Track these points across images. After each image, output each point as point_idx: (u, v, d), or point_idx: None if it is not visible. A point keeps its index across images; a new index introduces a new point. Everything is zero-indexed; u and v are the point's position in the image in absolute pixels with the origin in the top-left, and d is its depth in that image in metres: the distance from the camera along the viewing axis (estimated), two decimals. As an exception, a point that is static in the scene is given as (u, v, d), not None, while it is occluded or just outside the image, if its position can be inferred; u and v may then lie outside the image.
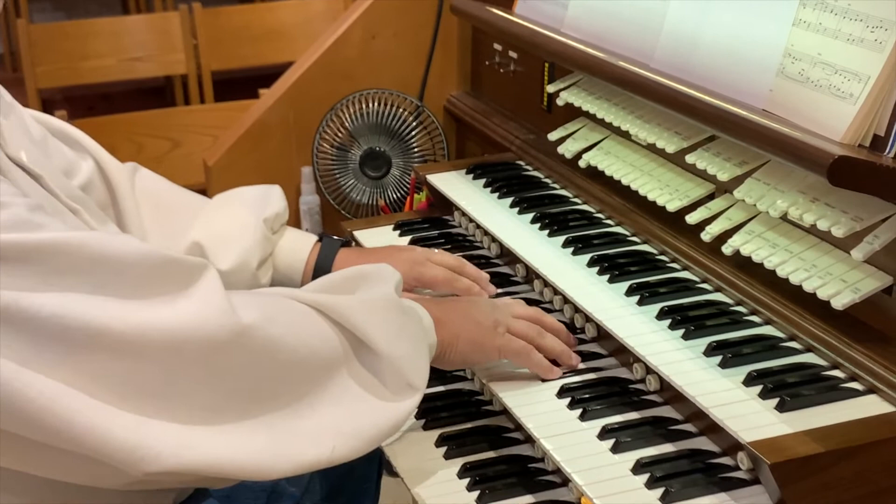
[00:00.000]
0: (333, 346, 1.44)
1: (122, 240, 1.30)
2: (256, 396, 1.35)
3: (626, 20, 1.98)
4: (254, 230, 1.86)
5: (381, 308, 1.49)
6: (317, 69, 2.63)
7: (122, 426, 1.24)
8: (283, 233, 1.94)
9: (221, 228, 1.87)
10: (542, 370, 1.66)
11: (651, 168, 1.95)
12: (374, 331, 1.46)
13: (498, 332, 1.65)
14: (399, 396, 1.48)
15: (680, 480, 1.42)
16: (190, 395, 1.29)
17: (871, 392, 1.47)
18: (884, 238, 1.49)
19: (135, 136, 3.73)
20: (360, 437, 1.42)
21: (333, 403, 1.42)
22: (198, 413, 1.30)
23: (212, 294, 1.32)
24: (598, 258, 1.85)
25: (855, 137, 1.49)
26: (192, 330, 1.29)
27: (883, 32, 1.47)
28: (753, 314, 1.67)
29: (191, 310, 1.30)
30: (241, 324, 1.32)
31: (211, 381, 1.31)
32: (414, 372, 1.50)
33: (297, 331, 1.40)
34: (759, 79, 1.66)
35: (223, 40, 4.56)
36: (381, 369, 1.47)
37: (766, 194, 1.65)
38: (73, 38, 4.38)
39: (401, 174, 2.63)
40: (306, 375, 1.41)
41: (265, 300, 1.42)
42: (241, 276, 1.84)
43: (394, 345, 1.48)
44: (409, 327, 1.53)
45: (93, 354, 1.24)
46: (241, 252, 1.84)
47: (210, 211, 1.91)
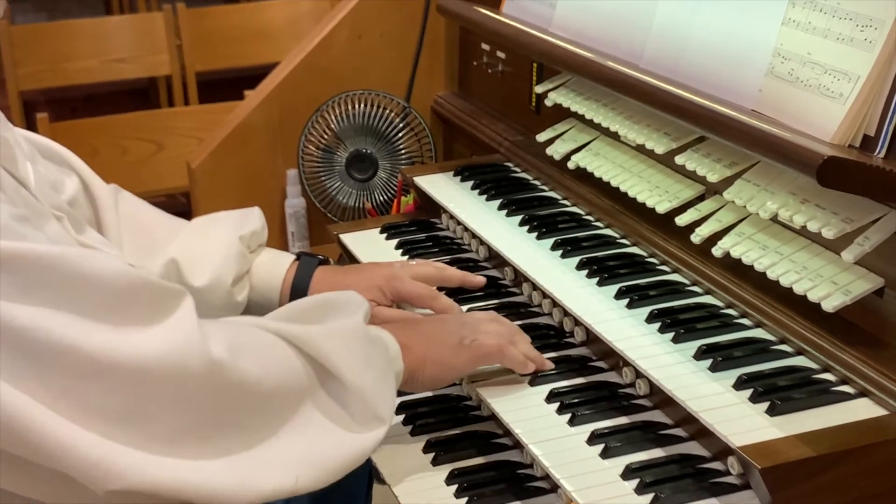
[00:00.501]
0: (299, 377, 1.45)
1: (101, 258, 1.30)
2: (221, 425, 1.36)
3: (614, 20, 1.99)
4: (228, 246, 1.87)
5: (349, 338, 1.50)
6: (302, 70, 2.63)
7: (86, 443, 1.25)
8: (260, 252, 1.95)
9: (197, 246, 1.88)
10: (518, 365, 1.66)
11: (640, 169, 1.95)
12: (341, 361, 1.47)
13: (464, 345, 1.65)
14: (365, 428, 1.48)
15: (670, 486, 1.43)
16: (155, 421, 1.30)
17: (862, 395, 1.48)
18: (875, 239, 1.49)
19: (118, 139, 3.74)
20: (324, 467, 1.43)
21: (298, 434, 1.43)
22: (162, 439, 1.30)
23: (185, 323, 1.33)
24: (588, 261, 1.85)
25: (845, 138, 1.50)
26: (162, 359, 1.29)
27: (872, 31, 1.47)
28: (744, 317, 1.67)
29: (162, 338, 1.30)
30: (210, 356, 1.33)
31: (177, 409, 1.32)
32: (381, 403, 1.50)
33: (265, 362, 1.41)
34: (748, 79, 1.67)
35: (208, 41, 4.57)
36: (348, 400, 1.48)
37: (756, 195, 1.65)
38: (55, 40, 4.38)
39: (388, 176, 2.63)
40: (272, 406, 1.42)
41: (234, 331, 1.43)
42: (216, 294, 1.84)
43: (361, 376, 1.48)
44: (377, 358, 1.54)
45: (60, 372, 1.24)
46: (215, 268, 1.85)
47: (188, 231, 1.92)
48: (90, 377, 1.26)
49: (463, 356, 1.65)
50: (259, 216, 1.96)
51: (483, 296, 1.94)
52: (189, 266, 1.85)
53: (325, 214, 2.64)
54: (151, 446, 1.29)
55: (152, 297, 1.33)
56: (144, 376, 1.28)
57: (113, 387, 1.27)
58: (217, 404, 1.35)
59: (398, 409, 1.72)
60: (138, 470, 1.27)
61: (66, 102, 5.39)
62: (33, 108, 4.01)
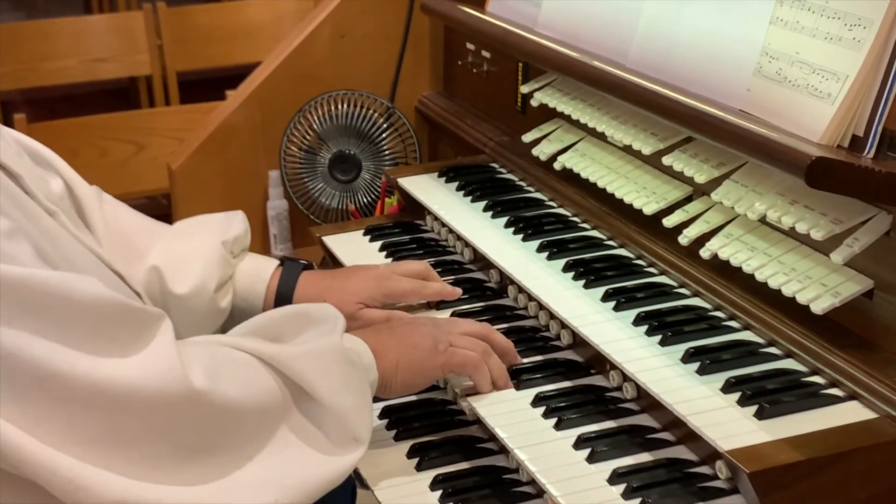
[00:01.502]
0: (276, 400, 1.46)
1: (83, 283, 1.31)
2: (199, 450, 1.37)
3: (600, 19, 1.99)
4: (211, 252, 1.87)
5: (327, 359, 1.50)
6: (284, 70, 2.63)
7: (64, 466, 1.26)
8: (243, 257, 1.95)
9: (179, 252, 1.88)
10: (484, 387, 1.67)
11: (627, 170, 1.96)
12: (319, 383, 1.47)
13: (438, 350, 1.66)
14: (343, 450, 1.49)
15: (657, 490, 1.43)
16: (133, 446, 1.31)
17: (852, 398, 1.48)
18: (864, 241, 1.50)
19: (98, 140, 3.73)
20: (302, 490, 1.44)
21: (275, 456, 1.43)
22: (140, 463, 1.31)
23: (164, 350, 1.34)
24: (574, 263, 1.85)
25: (833, 138, 1.50)
26: (141, 386, 1.30)
27: (861, 30, 1.48)
28: (732, 319, 1.68)
29: (142, 365, 1.32)
30: (189, 384, 1.34)
31: (155, 434, 1.33)
32: (359, 425, 1.51)
33: (243, 387, 1.42)
34: (736, 78, 1.67)
35: (188, 40, 4.57)
36: (325, 421, 1.49)
37: (744, 196, 1.66)
38: (34, 39, 4.38)
39: (371, 178, 2.63)
40: (249, 429, 1.42)
41: (212, 354, 1.43)
42: (199, 301, 1.85)
43: (339, 397, 1.49)
44: (355, 378, 1.54)
45: (38, 397, 1.25)
46: (198, 275, 1.85)
47: (169, 236, 1.92)
48: (69, 402, 1.27)
49: (437, 360, 1.66)
50: (242, 220, 1.96)
51: (468, 298, 1.94)
52: (171, 273, 1.85)
53: (308, 216, 2.64)
54: (129, 470, 1.31)
55: (132, 322, 1.34)
56: (123, 403, 1.30)
57: (93, 412, 1.28)
58: (195, 430, 1.36)
59: (382, 413, 1.73)
60: (116, 491, 1.29)
61: (45, 102, 5.39)
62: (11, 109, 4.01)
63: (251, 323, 1.59)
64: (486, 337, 1.72)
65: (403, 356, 1.64)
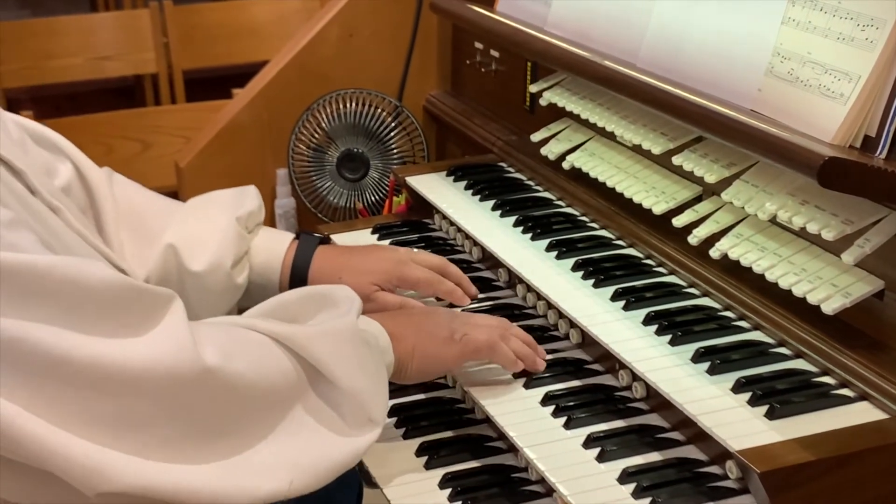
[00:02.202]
0: (291, 380, 1.45)
1: (90, 266, 1.31)
2: (214, 430, 1.37)
3: (610, 18, 1.99)
4: (226, 228, 1.87)
5: (343, 340, 1.50)
6: (292, 68, 2.63)
7: (79, 450, 1.26)
8: (258, 232, 1.94)
9: (194, 230, 1.88)
10: (508, 363, 1.67)
11: (637, 170, 1.96)
12: (335, 364, 1.47)
13: (454, 339, 1.66)
14: (358, 431, 1.49)
15: (667, 490, 1.43)
16: (148, 427, 1.31)
17: (862, 399, 1.48)
18: (875, 241, 1.50)
19: (104, 138, 3.73)
20: (317, 471, 1.44)
21: (291, 437, 1.43)
22: (155, 444, 1.31)
23: (176, 329, 1.34)
24: (583, 262, 1.85)
25: (846, 138, 1.50)
26: (153, 366, 1.30)
27: (874, 31, 1.48)
28: (742, 319, 1.68)
29: (153, 345, 1.31)
30: (202, 362, 1.33)
31: (170, 415, 1.32)
32: (374, 406, 1.51)
33: (257, 367, 1.42)
34: (747, 78, 1.67)
35: (195, 38, 4.57)
36: (341, 403, 1.48)
37: (754, 196, 1.66)
38: (40, 37, 4.37)
39: (379, 176, 2.64)
40: (264, 410, 1.42)
41: (225, 333, 1.43)
42: (215, 277, 1.84)
43: (354, 379, 1.48)
44: (371, 360, 1.54)
45: (51, 382, 1.25)
46: (214, 252, 1.85)
47: (183, 213, 1.92)
48: (82, 386, 1.26)
49: (453, 350, 1.66)
50: (255, 195, 1.96)
51: (477, 297, 1.94)
52: (187, 251, 1.84)
53: (316, 215, 2.64)
54: (145, 452, 1.30)
55: (142, 303, 1.33)
56: (136, 384, 1.29)
57: (105, 395, 1.28)
58: (209, 410, 1.36)
59: (391, 411, 1.72)
60: (131, 474, 1.28)
61: (50, 100, 5.39)
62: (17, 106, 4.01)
63: (267, 305, 1.58)
64: (506, 329, 1.71)
65: (420, 343, 1.64)
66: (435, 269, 1.90)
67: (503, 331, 1.70)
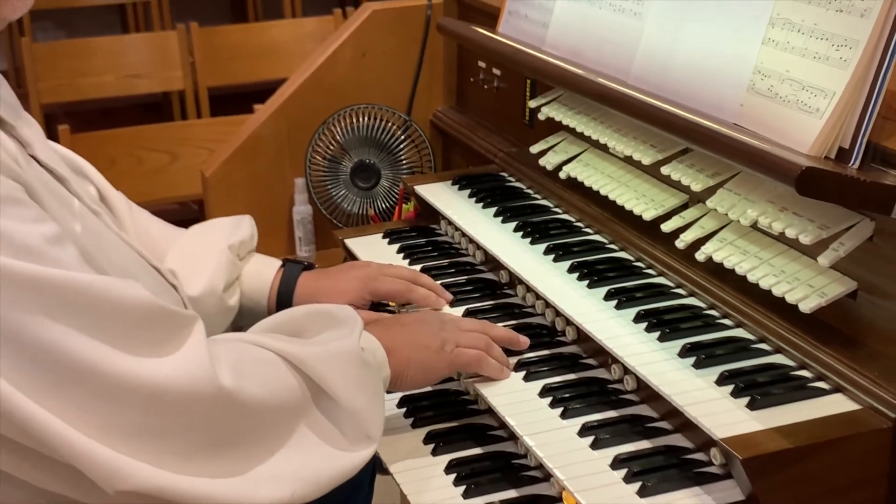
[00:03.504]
0: (296, 397, 1.46)
1: (124, 286, 1.32)
2: (224, 443, 1.38)
3: (604, 39, 1.99)
4: (218, 256, 1.89)
5: (345, 362, 1.50)
6: (309, 85, 2.63)
7: (102, 455, 1.27)
8: (249, 259, 1.97)
9: (190, 256, 1.89)
10: (494, 373, 1.68)
11: (628, 179, 1.96)
12: (338, 384, 1.48)
13: (445, 350, 1.66)
14: (356, 446, 1.50)
15: (656, 475, 1.43)
16: (165, 438, 1.32)
17: (837, 391, 1.48)
18: (848, 245, 1.50)
19: (135, 150, 3.73)
20: (317, 483, 1.44)
21: (294, 452, 1.44)
22: (171, 455, 1.32)
23: (196, 350, 1.35)
24: (578, 265, 1.85)
25: (821, 150, 1.50)
26: (174, 384, 1.31)
27: (847, 51, 1.48)
28: (725, 317, 1.67)
29: (176, 364, 1.32)
30: (218, 383, 1.34)
31: (186, 429, 1.33)
32: (372, 424, 1.51)
33: (267, 386, 1.43)
34: (730, 94, 1.67)
35: (219, 58, 4.58)
36: (341, 420, 1.49)
37: (737, 204, 1.65)
38: (75, 56, 4.39)
39: (390, 185, 2.64)
40: (271, 426, 1.43)
41: (240, 354, 1.44)
42: (209, 301, 1.86)
43: (355, 398, 1.49)
44: (370, 381, 1.54)
45: (79, 391, 1.26)
46: (208, 277, 1.86)
47: (183, 240, 1.94)
48: (108, 397, 1.28)
49: (444, 361, 1.66)
50: (249, 224, 1.98)
51: (480, 297, 1.94)
52: (185, 277, 1.86)
53: (331, 220, 2.64)
54: (160, 461, 1.31)
55: (168, 324, 1.35)
56: (158, 399, 1.31)
57: (129, 407, 1.29)
58: (222, 425, 1.37)
59: (400, 402, 1.73)
60: (146, 477, 1.29)
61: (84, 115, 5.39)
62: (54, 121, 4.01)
63: (275, 318, 1.59)
64: (487, 332, 1.72)
65: (414, 355, 1.65)
66: (406, 279, 1.91)
67: (486, 340, 1.71)
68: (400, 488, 1.56)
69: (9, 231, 1.23)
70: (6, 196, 1.26)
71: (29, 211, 1.28)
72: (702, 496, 1.40)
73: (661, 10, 1.85)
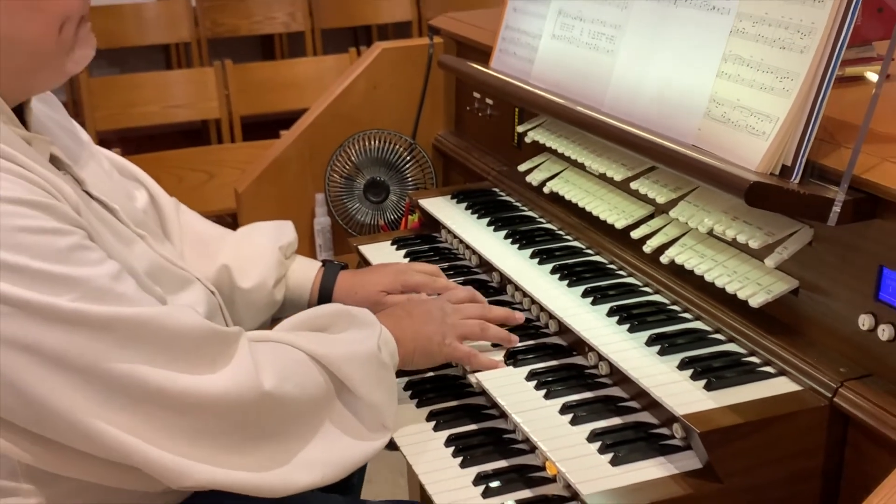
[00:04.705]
0: (324, 394, 1.48)
1: (179, 314, 1.35)
2: (266, 437, 1.40)
3: (581, 73, 1.99)
4: (270, 255, 1.90)
5: (365, 363, 1.52)
6: (328, 113, 2.63)
7: (168, 458, 1.31)
8: (294, 259, 1.98)
9: (244, 254, 1.90)
10: (483, 366, 1.68)
11: (602, 193, 1.96)
12: (360, 382, 1.50)
13: (445, 342, 1.68)
14: (375, 434, 1.52)
15: (626, 447, 1.44)
16: (215, 438, 1.35)
17: (781, 375, 1.49)
18: (791, 249, 1.51)
19: (176, 170, 3.73)
20: (342, 466, 1.47)
21: (323, 440, 1.46)
22: (220, 450, 1.35)
23: (243, 363, 1.38)
24: (559, 267, 1.86)
25: (767, 167, 1.50)
26: (224, 396, 1.34)
27: (789, 82, 1.48)
28: (686, 312, 1.68)
29: (226, 378, 1.35)
30: (261, 388, 1.38)
31: (233, 428, 1.36)
32: (387, 415, 1.54)
33: (302, 385, 1.45)
34: (689, 120, 1.67)
35: (250, 90, 4.58)
36: (361, 412, 1.51)
37: (695, 214, 1.65)
38: (125, 89, 4.40)
39: (397, 199, 2.64)
40: (305, 419, 1.45)
41: (277, 356, 1.46)
42: (260, 294, 1.87)
43: (373, 394, 1.52)
44: (386, 378, 1.56)
45: (147, 408, 1.30)
46: (260, 273, 1.87)
47: (235, 239, 1.94)
48: (172, 411, 1.31)
49: (443, 351, 1.68)
50: (292, 229, 1.99)
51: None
52: (238, 272, 1.86)
53: (346, 230, 2.64)
54: (215, 459, 1.35)
55: (218, 343, 1.38)
56: (213, 408, 1.34)
57: (189, 417, 1.32)
58: (265, 422, 1.40)
59: (406, 386, 1.74)
60: (203, 472, 1.33)
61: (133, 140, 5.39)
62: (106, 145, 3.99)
63: (307, 314, 1.60)
64: (485, 315, 1.74)
65: (419, 345, 1.67)
66: (429, 273, 1.93)
67: (483, 324, 1.72)
68: (406, 459, 1.57)
69: (83, 277, 1.26)
70: (75, 244, 1.28)
71: (94, 254, 1.31)
72: (665, 465, 1.41)
73: (630, 48, 1.85)
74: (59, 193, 1.32)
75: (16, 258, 1.21)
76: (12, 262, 1.21)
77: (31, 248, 1.23)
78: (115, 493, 1.38)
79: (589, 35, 1.97)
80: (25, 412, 1.26)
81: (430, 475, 1.52)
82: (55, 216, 1.28)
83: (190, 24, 5.86)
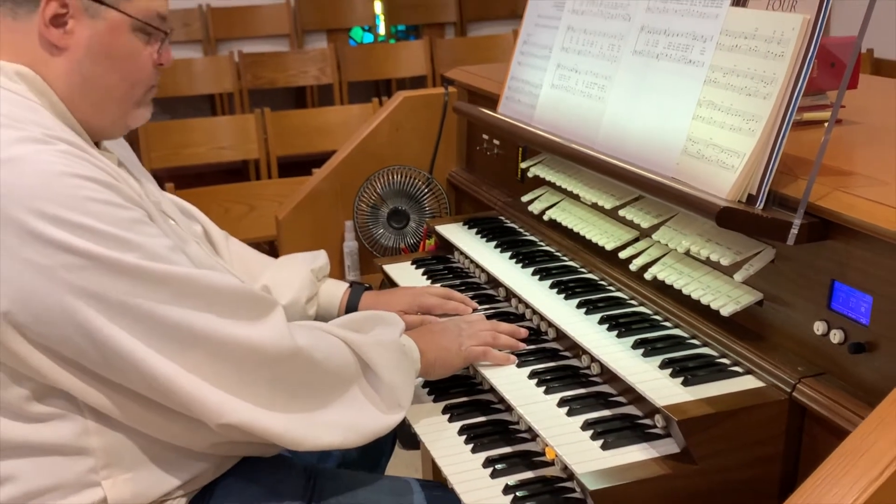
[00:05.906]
0: (351, 368, 1.50)
1: (224, 277, 1.38)
2: (297, 392, 1.42)
3: (577, 117, 1.99)
4: (303, 277, 1.93)
5: (388, 348, 1.55)
6: (356, 152, 2.64)
7: (212, 395, 1.33)
8: (325, 280, 2.00)
9: (282, 275, 1.93)
10: (499, 362, 1.70)
11: (594, 220, 1.96)
12: (381, 364, 1.53)
13: (461, 350, 1.69)
14: (391, 411, 1.54)
15: (615, 434, 1.46)
16: (256, 384, 1.37)
17: (748, 373, 1.50)
18: (756, 266, 1.52)
19: (222, 203, 3.74)
20: (361, 433, 1.48)
21: (346, 407, 1.48)
22: (260, 398, 1.37)
23: (279, 323, 1.41)
24: (557, 283, 1.87)
25: (736, 195, 1.50)
26: (263, 343, 1.36)
27: (755, 124, 1.49)
28: (666, 321, 1.69)
29: (265, 331, 1.37)
30: (296, 345, 1.40)
31: (271, 377, 1.38)
32: (403, 396, 1.55)
33: (330, 355, 1.47)
34: (669, 156, 1.67)
35: (285, 134, 4.60)
36: (381, 390, 1.53)
37: (674, 237, 1.66)
38: (177, 133, 4.43)
39: (417, 226, 2.65)
40: (331, 385, 1.47)
41: (312, 332, 1.49)
42: (294, 309, 1.90)
43: (392, 375, 1.54)
44: (404, 363, 1.58)
45: (197, 351, 1.32)
46: (295, 291, 1.90)
47: (276, 265, 1.98)
48: (218, 354, 1.33)
49: (460, 359, 1.69)
50: (325, 256, 2.02)
51: (485, 308, 1.95)
52: (276, 291, 1.89)
53: (372, 252, 2.65)
54: (254, 399, 1.36)
55: (258, 303, 1.40)
56: (253, 353, 1.35)
57: (231, 361, 1.34)
58: (296, 377, 1.41)
59: (427, 385, 1.75)
60: (241, 410, 1.34)
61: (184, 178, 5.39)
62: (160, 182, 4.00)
63: (342, 319, 1.64)
64: (495, 328, 1.76)
65: (439, 356, 1.68)
66: (442, 296, 1.94)
67: (494, 334, 1.73)
68: (425, 446, 1.59)
69: (143, 243, 1.30)
70: (137, 219, 1.33)
71: (152, 229, 1.35)
72: (648, 449, 1.43)
73: (618, 95, 1.86)
74: (124, 181, 1.36)
75: (87, 220, 1.25)
76: (84, 222, 1.25)
77: (98, 214, 1.27)
78: (162, 451, 1.40)
79: (583, 84, 1.98)
80: (94, 354, 1.28)
81: (446, 458, 1.54)
82: (120, 194, 1.32)
83: (233, 76, 5.92)
